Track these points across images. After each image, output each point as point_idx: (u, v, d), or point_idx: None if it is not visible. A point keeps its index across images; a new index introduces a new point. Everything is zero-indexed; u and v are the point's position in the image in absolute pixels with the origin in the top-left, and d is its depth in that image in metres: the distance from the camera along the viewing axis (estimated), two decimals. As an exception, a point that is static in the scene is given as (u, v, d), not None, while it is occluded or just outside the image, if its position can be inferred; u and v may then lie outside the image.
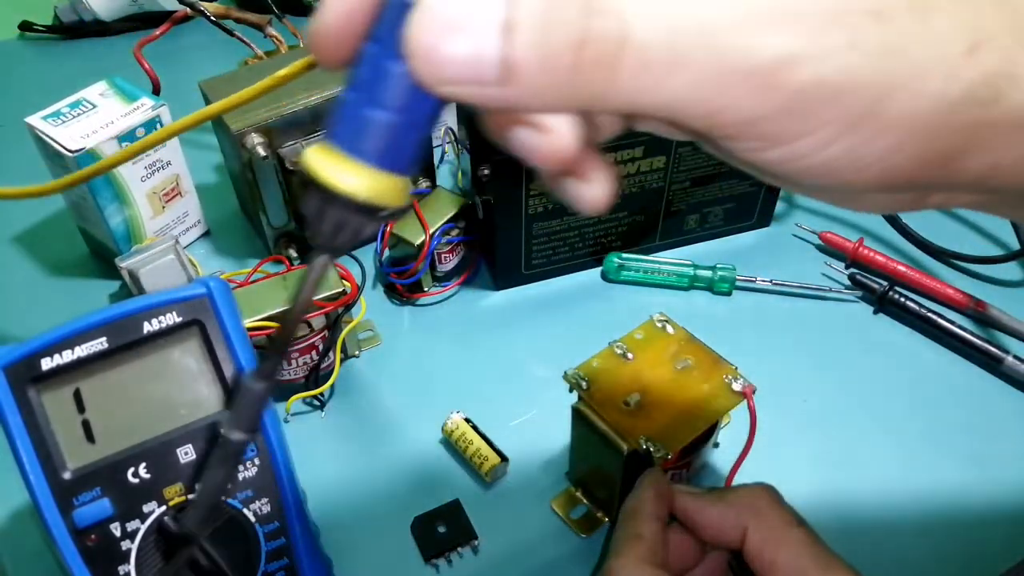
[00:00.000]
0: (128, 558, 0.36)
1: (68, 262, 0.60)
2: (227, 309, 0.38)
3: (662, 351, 0.43)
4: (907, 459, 0.47)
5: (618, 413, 0.40)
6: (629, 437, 0.39)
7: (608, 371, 0.42)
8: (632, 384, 0.41)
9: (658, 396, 0.41)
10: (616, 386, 0.41)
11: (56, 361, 0.36)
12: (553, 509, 0.45)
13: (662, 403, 0.41)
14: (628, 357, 0.43)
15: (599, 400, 0.41)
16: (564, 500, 0.46)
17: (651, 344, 0.43)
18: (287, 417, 0.50)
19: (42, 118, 0.53)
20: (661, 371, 0.42)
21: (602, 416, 0.40)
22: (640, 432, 0.39)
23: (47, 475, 0.35)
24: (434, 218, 0.55)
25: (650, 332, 0.44)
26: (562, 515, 0.45)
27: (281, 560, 0.37)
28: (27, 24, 0.83)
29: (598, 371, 0.42)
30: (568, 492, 0.46)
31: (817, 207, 0.63)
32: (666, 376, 0.42)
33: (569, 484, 0.46)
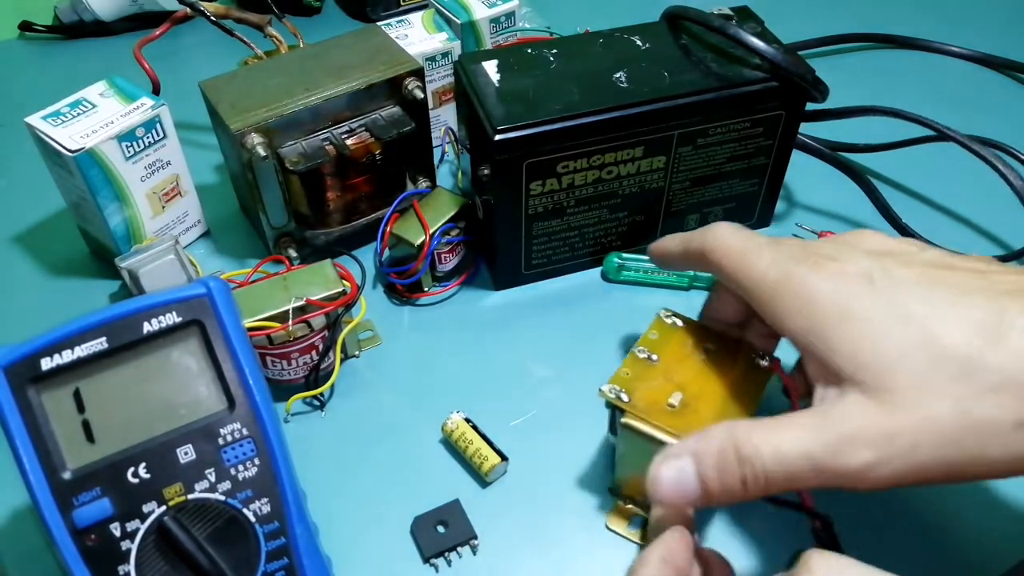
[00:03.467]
0: (128, 558, 0.36)
1: (68, 262, 0.60)
2: (227, 309, 0.38)
3: (681, 345, 0.43)
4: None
5: (668, 416, 0.40)
6: None
7: (640, 378, 0.41)
8: (668, 384, 0.41)
9: (696, 390, 0.41)
10: (655, 391, 0.41)
11: (56, 361, 0.36)
12: (611, 528, 0.44)
13: (702, 395, 0.41)
14: (653, 359, 0.42)
15: (644, 408, 0.40)
16: (618, 517, 0.45)
17: (668, 341, 0.43)
18: (287, 417, 0.50)
19: (42, 118, 0.53)
20: (689, 364, 0.42)
21: (653, 424, 0.39)
22: (696, 428, 0.38)
23: (47, 475, 0.35)
24: (434, 218, 0.55)
25: (662, 329, 0.44)
26: (622, 532, 0.44)
27: (281, 560, 0.37)
28: (27, 24, 0.83)
29: (631, 380, 0.41)
30: (619, 507, 0.45)
31: (817, 207, 0.63)
32: (696, 368, 0.42)
33: (616, 500, 0.45)
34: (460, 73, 0.54)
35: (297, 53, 0.59)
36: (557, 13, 0.78)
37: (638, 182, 0.54)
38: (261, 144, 0.52)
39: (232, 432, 0.38)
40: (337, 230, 0.58)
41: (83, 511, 0.35)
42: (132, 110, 0.55)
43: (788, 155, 0.57)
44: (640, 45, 0.55)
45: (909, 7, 0.83)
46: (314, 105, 0.53)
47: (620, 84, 0.52)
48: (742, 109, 0.53)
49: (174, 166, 0.58)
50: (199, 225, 0.62)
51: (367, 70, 0.55)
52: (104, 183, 0.54)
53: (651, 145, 0.53)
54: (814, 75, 0.52)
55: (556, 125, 0.50)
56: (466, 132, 0.56)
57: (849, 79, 0.59)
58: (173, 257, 0.52)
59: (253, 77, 0.56)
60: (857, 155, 0.65)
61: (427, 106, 0.57)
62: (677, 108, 0.52)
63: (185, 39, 0.80)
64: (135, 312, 0.37)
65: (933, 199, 0.63)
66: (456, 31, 0.65)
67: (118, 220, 0.56)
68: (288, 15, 0.69)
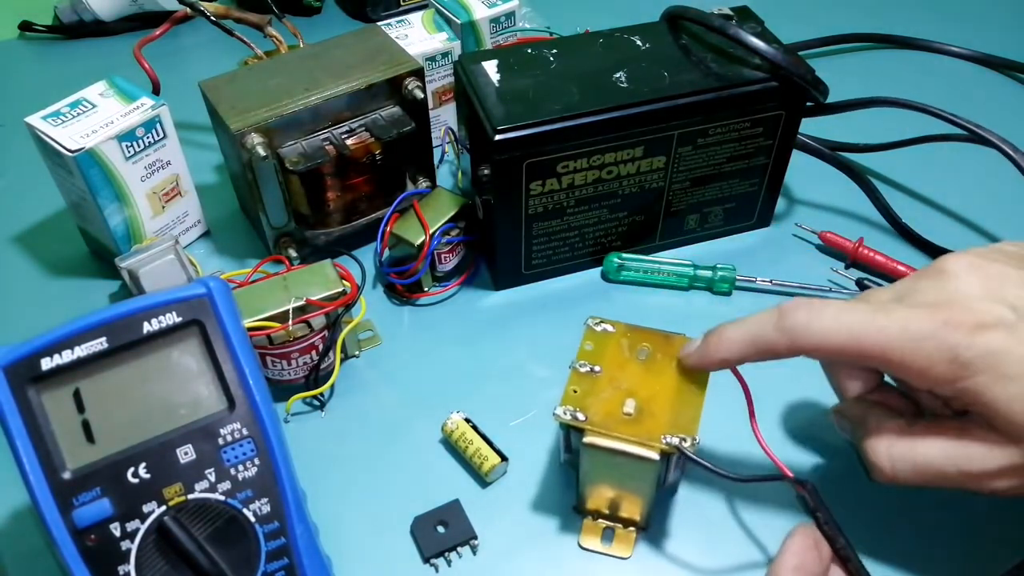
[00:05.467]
0: (128, 558, 0.36)
1: (68, 262, 0.60)
2: (227, 309, 0.38)
3: (618, 351, 0.43)
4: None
5: (627, 425, 0.40)
6: (652, 442, 0.39)
7: (589, 393, 0.41)
8: (618, 393, 0.41)
9: (645, 393, 0.41)
10: (606, 402, 0.41)
11: (56, 361, 0.36)
12: (585, 547, 0.44)
13: (653, 397, 0.41)
14: (596, 371, 0.42)
15: (602, 423, 0.40)
16: (590, 533, 0.44)
17: (605, 349, 0.43)
18: (287, 417, 0.50)
19: (42, 118, 0.53)
20: (632, 370, 0.42)
21: (615, 436, 0.39)
22: (658, 433, 0.39)
23: (47, 475, 0.35)
24: (434, 218, 0.55)
25: (595, 338, 0.44)
26: (598, 548, 0.44)
27: (281, 560, 0.37)
28: (27, 24, 0.83)
29: (581, 397, 0.41)
30: (588, 524, 0.44)
31: (817, 207, 0.63)
32: (639, 372, 0.42)
33: (583, 517, 0.45)
34: (460, 73, 0.54)
35: (297, 53, 0.59)
36: (557, 13, 0.78)
37: (638, 182, 0.54)
38: (261, 144, 0.52)
39: (232, 432, 0.38)
40: (337, 230, 0.58)
41: (83, 511, 0.35)
42: (132, 110, 0.55)
43: (788, 155, 0.57)
44: (640, 45, 0.55)
45: (909, 7, 0.83)
46: (314, 105, 0.53)
47: (620, 84, 0.52)
48: (742, 109, 0.53)
49: (174, 166, 0.58)
50: (199, 225, 0.62)
51: (367, 70, 0.55)
52: (104, 183, 0.54)
53: (651, 145, 0.53)
54: (814, 75, 0.52)
55: (556, 125, 0.50)
56: (466, 132, 0.56)
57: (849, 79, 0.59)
58: (173, 257, 0.52)
59: (253, 77, 0.56)
60: (857, 155, 0.65)
61: (427, 106, 0.57)
62: (677, 108, 0.51)
63: (185, 39, 0.80)
64: (135, 312, 0.37)
65: (933, 199, 0.63)
66: (456, 31, 0.65)
67: (118, 220, 0.56)
68: (288, 15, 0.69)
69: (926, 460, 0.37)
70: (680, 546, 0.44)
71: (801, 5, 0.83)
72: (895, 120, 0.58)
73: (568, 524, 0.45)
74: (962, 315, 0.35)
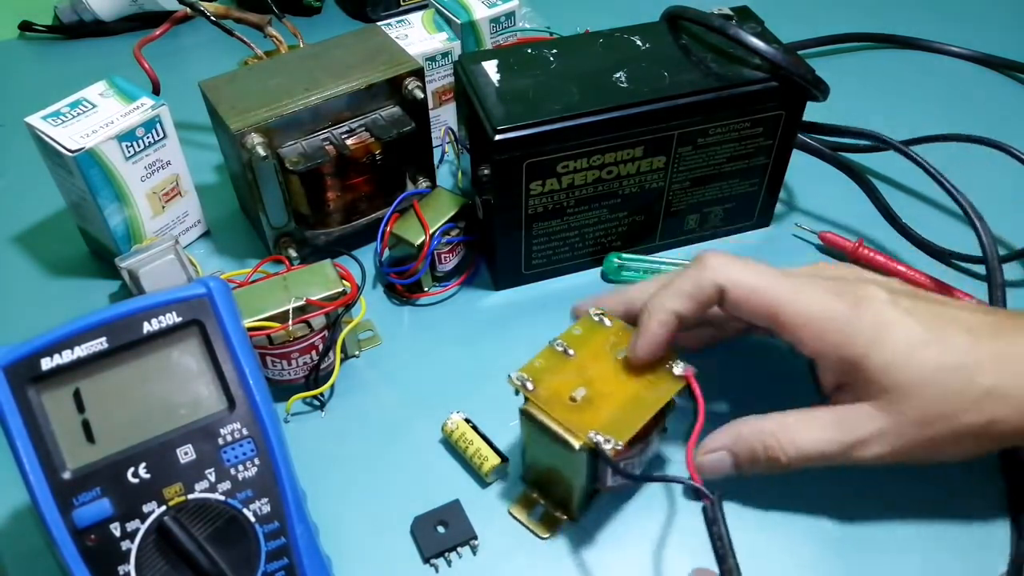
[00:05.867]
0: (128, 558, 0.36)
1: (68, 262, 0.60)
2: (227, 309, 0.38)
3: (602, 343, 0.43)
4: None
5: (566, 410, 0.40)
6: (580, 433, 0.39)
7: (551, 369, 0.42)
8: (576, 379, 0.42)
9: (603, 388, 0.41)
10: (561, 383, 0.41)
11: (56, 361, 0.36)
12: (512, 514, 0.45)
13: (608, 394, 0.41)
14: (569, 353, 0.43)
15: (545, 399, 0.41)
16: (521, 503, 0.45)
17: (591, 338, 0.44)
18: (287, 417, 0.50)
19: (42, 118, 0.53)
20: (603, 364, 0.42)
21: (550, 415, 0.40)
22: (589, 426, 0.39)
23: (47, 475, 0.35)
24: (434, 218, 0.55)
25: (588, 326, 0.44)
26: (522, 519, 0.45)
27: (281, 560, 0.37)
28: (27, 24, 0.83)
29: (541, 370, 0.42)
30: (525, 495, 0.45)
31: (817, 207, 0.63)
32: (609, 367, 0.42)
33: (524, 486, 0.46)
34: (460, 73, 0.54)
35: (297, 53, 0.59)
36: (557, 13, 0.78)
37: (638, 182, 0.54)
38: (261, 144, 0.52)
39: (232, 432, 0.38)
40: (337, 230, 0.58)
41: (83, 511, 0.35)
42: (132, 110, 0.55)
43: (788, 155, 0.57)
44: (640, 45, 0.55)
45: (909, 7, 0.83)
46: (314, 105, 0.53)
47: (620, 84, 0.52)
48: (742, 109, 0.53)
49: (174, 166, 0.58)
50: (199, 225, 0.62)
51: (367, 70, 0.55)
52: (104, 183, 0.54)
53: (651, 145, 0.53)
54: (814, 74, 0.52)
55: (556, 125, 0.50)
56: (466, 132, 0.56)
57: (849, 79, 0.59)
58: (173, 257, 0.52)
59: (253, 77, 0.56)
60: (857, 155, 0.65)
61: (427, 106, 0.57)
62: (677, 108, 0.52)
63: (185, 39, 0.80)
64: (135, 312, 0.37)
65: (933, 199, 0.63)
66: (456, 31, 0.65)
67: (118, 220, 0.56)
68: (288, 15, 0.69)
69: (811, 443, 0.41)
70: (605, 552, 0.44)
71: (801, 5, 0.83)
72: (896, 120, 0.58)
73: (568, 524, 0.45)
74: (854, 289, 0.41)
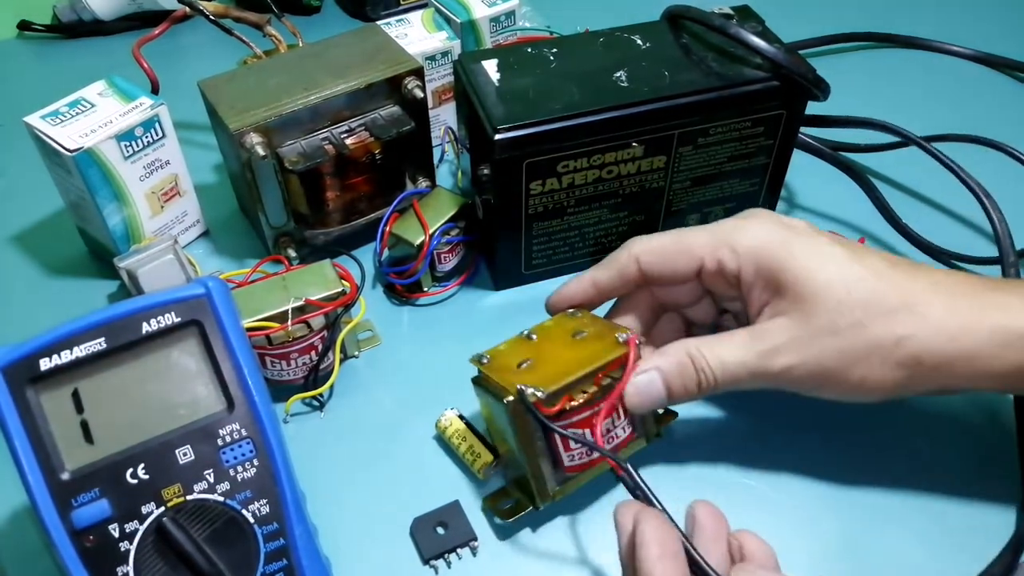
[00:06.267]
0: (127, 559, 0.35)
1: (67, 262, 0.60)
2: (226, 309, 0.38)
3: (564, 329, 0.45)
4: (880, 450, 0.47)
5: (508, 373, 0.42)
6: (510, 388, 0.40)
7: (511, 351, 0.44)
8: (529, 354, 0.43)
9: (549, 357, 0.43)
10: (514, 358, 0.43)
11: (55, 361, 0.36)
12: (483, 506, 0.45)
13: (551, 361, 0.42)
14: (532, 338, 0.45)
15: (494, 368, 0.43)
16: (495, 496, 0.45)
17: (557, 326, 0.46)
18: (286, 418, 0.50)
19: (41, 117, 0.53)
20: (558, 343, 0.44)
21: (491, 378, 0.42)
22: (525, 382, 0.40)
23: (45, 476, 0.35)
24: (434, 218, 0.55)
25: (560, 319, 0.47)
26: (489, 506, 0.45)
27: (280, 561, 0.37)
28: (26, 23, 0.83)
29: (501, 352, 0.44)
30: (503, 489, 0.46)
31: (817, 207, 0.63)
32: (562, 345, 0.44)
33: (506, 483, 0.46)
34: (460, 72, 0.54)
35: (296, 52, 0.59)
36: (557, 12, 0.78)
37: (638, 182, 0.54)
38: (260, 144, 0.52)
39: (231, 433, 0.37)
40: (336, 230, 0.58)
41: (82, 512, 0.35)
42: (131, 109, 0.54)
43: (789, 155, 0.57)
44: (640, 44, 0.55)
45: (909, 6, 0.83)
46: (313, 104, 0.53)
47: (620, 83, 0.52)
48: (743, 109, 0.53)
49: (173, 166, 0.58)
50: (198, 225, 0.62)
51: (367, 69, 0.55)
52: (103, 183, 0.54)
53: (651, 145, 0.52)
54: (815, 74, 0.52)
55: (556, 125, 0.50)
56: (466, 132, 0.55)
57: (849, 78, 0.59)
58: (172, 257, 0.52)
59: (252, 76, 0.55)
60: (858, 155, 0.65)
61: (427, 105, 0.57)
62: (677, 108, 0.51)
63: (184, 38, 0.80)
64: (134, 312, 0.37)
65: (933, 199, 0.63)
66: (456, 30, 0.65)
67: (117, 220, 0.56)
68: (287, 14, 0.69)
69: (730, 354, 0.42)
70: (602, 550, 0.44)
71: (802, 4, 0.83)
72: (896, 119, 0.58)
73: (569, 524, 0.45)
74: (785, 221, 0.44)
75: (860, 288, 0.40)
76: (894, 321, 0.39)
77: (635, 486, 0.38)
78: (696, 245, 0.44)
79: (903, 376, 0.40)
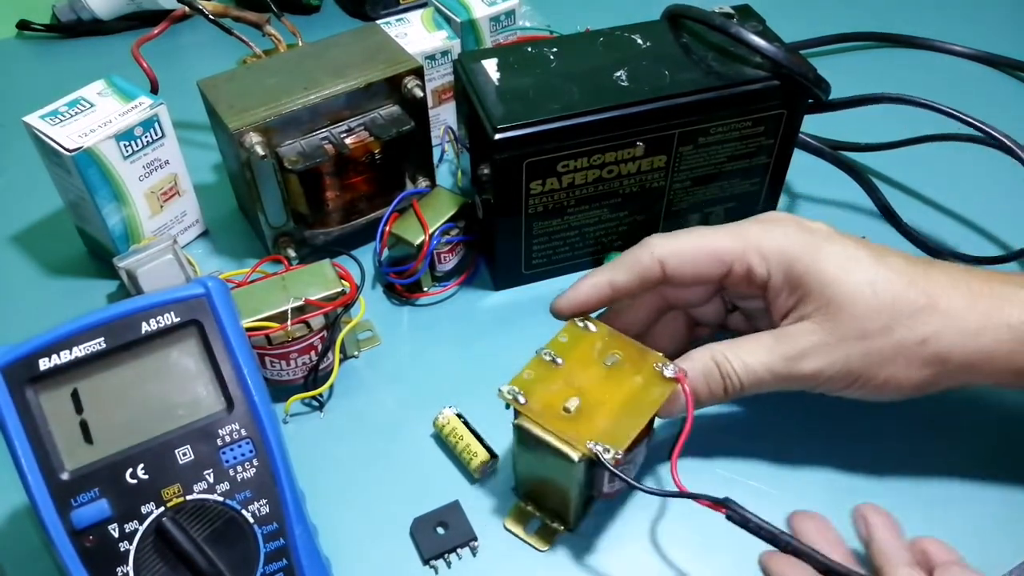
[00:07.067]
0: (126, 559, 0.35)
1: (66, 262, 0.60)
2: (226, 309, 0.38)
3: (589, 350, 0.43)
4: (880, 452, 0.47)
5: (560, 421, 0.40)
6: (578, 444, 0.39)
7: (541, 380, 0.42)
8: (567, 389, 0.41)
9: (595, 396, 0.41)
10: (553, 394, 0.41)
11: (54, 361, 0.36)
12: (508, 528, 0.44)
13: (600, 403, 0.41)
14: (558, 362, 0.42)
15: (539, 412, 0.40)
16: (516, 517, 0.45)
17: (577, 345, 0.43)
18: (286, 418, 0.50)
19: (40, 117, 0.53)
20: (592, 371, 0.42)
21: (545, 427, 0.40)
22: (586, 436, 0.39)
23: (45, 476, 0.35)
24: (434, 218, 0.55)
25: (574, 333, 0.44)
26: (519, 533, 0.44)
27: (280, 561, 0.37)
28: (25, 23, 0.83)
29: (532, 383, 0.41)
30: (519, 508, 0.45)
31: (818, 206, 0.63)
32: (598, 375, 0.42)
33: (518, 499, 0.45)
34: (460, 72, 0.54)
35: (296, 52, 0.59)
36: (557, 11, 0.78)
37: (639, 181, 0.54)
38: (260, 143, 0.52)
39: (231, 433, 0.37)
40: (336, 230, 0.58)
41: (81, 512, 0.35)
42: (130, 109, 0.54)
43: (789, 154, 0.57)
44: (641, 44, 0.55)
45: (910, 6, 0.83)
46: (313, 104, 0.53)
47: (620, 83, 0.52)
48: (743, 108, 0.53)
49: (172, 165, 0.58)
50: (197, 225, 0.62)
51: (366, 69, 0.55)
52: (102, 182, 0.54)
53: (652, 144, 0.52)
54: (816, 73, 0.52)
55: (556, 124, 0.50)
56: (466, 131, 0.55)
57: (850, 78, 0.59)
58: (171, 257, 0.52)
59: (252, 76, 0.55)
60: (859, 154, 0.65)
61: (426, 105, 0.57)
62: (678, 107, 0.51)
63: (183, 38, 0.80)
64: (133, 312, 0.37)
65: (934, 199, 0.63)
66: (456, 29, 0.65)
67: (116, 220, 0.56)
68: (287, 14, 0.69)
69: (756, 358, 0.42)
70: (603, 556, 0.44)
71: (802, 4, 0.83)
72: (897, 119, 0.58)
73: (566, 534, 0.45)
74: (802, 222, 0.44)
75: (886, 291, 0.40)
76: (919, 321, 0.40)
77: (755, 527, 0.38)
78: (723, 250, 0.44)
79: (929, 374, 0.41)
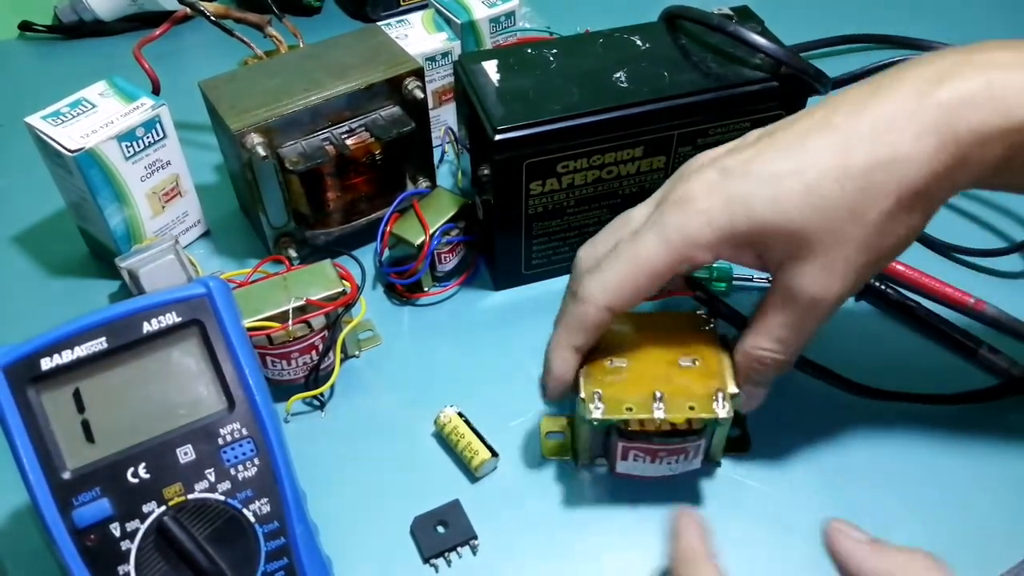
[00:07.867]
0: (128, 558, 0.36)
1: (68, 262, 0.60)
2: (227, 309, 0.38)
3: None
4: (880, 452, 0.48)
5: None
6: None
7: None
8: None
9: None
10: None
11: (56, 361, 0.36)
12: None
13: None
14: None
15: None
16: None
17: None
18: (287, 417, 0.50)
19: (42, 118, 0.53)
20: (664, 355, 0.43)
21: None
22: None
23: (46, 475, 0.35)
24: (434, 218, 0.55)
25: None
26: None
27: (281, 560, 0.37)
28: (27, 24, 0.83)
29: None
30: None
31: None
32: (664, 359, 0.43)
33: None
34: (460, 73, 0.54)
35: (297, 53, 0.59)
36: (557, 13, 0.78)
37: (638, 182, 0.54)
38: (261, 144, 0.52)
39: (232, 432, 0.38)
40: (337, 230, 0.58)
41: (83, 511, 0.35)
42: (132, 110, 0.55)
43: (788, 155, 0.57)
44: (640, 45, 0.55)
45: (908, 8, 0.83)
46: (314, 105, 0.53)
47: (620, 84, 0.52)
48: (742, 109, 0.53)
49: (174, 166, 0.58)
50: (199, 225, 0.62)
51: (367, 70, 0.55)
52: (104, 183, 0.54)
53: (651, 145, 0.53)
54: (815, 68, 0.52)
55: (556, 125, 0.50)
56: (466, 132, 0.56)
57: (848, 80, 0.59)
58: (173, 257, 0.52)
59: (253, 77, 0.56)
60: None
61: (427, 106, 0.57)
62: (677, 108, 0.51)
63: (185, 39, 0.80)
64: (135, 312, 0.37)
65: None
66: (456, 31, 0.65)
67: (118, 220, 0.56)
68: (288, 15, 0.69)
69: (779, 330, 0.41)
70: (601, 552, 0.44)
71: (801, 6, 0.83)
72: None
73: (570, 525, 0.45)
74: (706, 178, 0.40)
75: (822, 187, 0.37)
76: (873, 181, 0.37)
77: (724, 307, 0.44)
78: (660, 266, 0.40)
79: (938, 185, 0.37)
